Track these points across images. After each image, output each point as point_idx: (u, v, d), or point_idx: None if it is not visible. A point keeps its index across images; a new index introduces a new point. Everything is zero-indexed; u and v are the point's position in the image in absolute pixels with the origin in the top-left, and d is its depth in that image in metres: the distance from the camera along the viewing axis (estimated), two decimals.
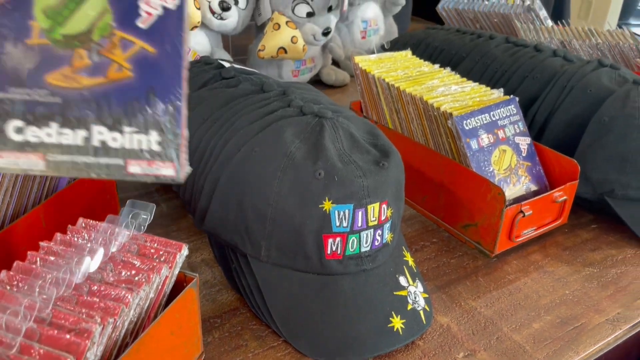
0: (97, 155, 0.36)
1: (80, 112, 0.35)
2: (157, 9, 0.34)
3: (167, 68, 0.35)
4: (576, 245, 0.73)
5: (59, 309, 0.40)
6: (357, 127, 0.60)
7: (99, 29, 0.34)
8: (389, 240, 0.58)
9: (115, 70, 0.35)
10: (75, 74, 0.34)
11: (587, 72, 0.82)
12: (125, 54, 0.34)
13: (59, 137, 0.35)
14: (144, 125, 0.35)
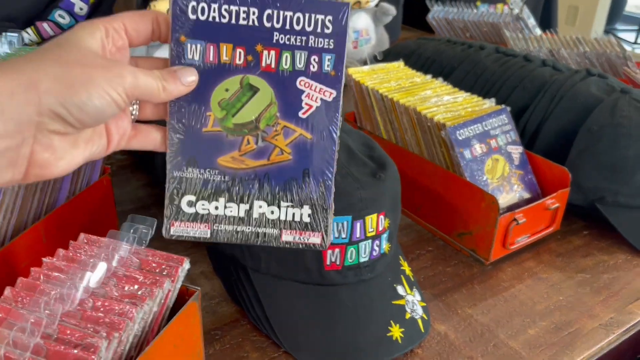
0: (256, 226, 0.40)
1: (245, 189, 0.40)
2: (317, 102, 0.39)
3: (321, 152, 0.40)
4: (569, 252, 0.75)
5: (64, 324, 0.40)
6: (353, 139, 0.61)
7: (266, 118, 0.39)
8: (386, 251, 0.58)
9: (277, 154, 0.40)
10: (242, 156, 0.40)
11: (576, 81, 0.83)
12: (287, 140, 0.39)
13: (225, 210, 0.40)
14: (298, 201, 0.40)
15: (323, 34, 0.38)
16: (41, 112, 0.31)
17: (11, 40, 0.76)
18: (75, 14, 0.99)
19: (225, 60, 0.38)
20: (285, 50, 0.38)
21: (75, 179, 0.60)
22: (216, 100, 0.38)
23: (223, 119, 0.38)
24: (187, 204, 0.39)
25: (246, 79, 0.38)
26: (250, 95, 0.38)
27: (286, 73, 0.38)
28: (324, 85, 0.38)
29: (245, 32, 0.37)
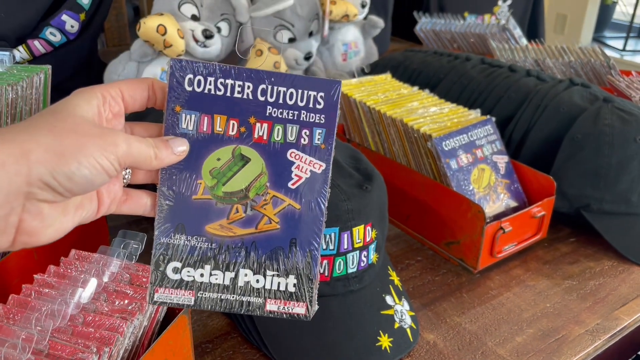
0: (241, 294, 0.40)
1: (231, 257, 0.40)
2: (306, 173, 0.40)
3: (309, 222, 0.40)
4: (556, 259, 0.76)
5: (55, 340, 0.41)
6: (340, 152, 0.62)
7: (255, 188, 0.39)
8: (374, 261, 0.59)
9: (265, 223, 0.40)
10: (230, 224, 0.40)
11: (560, 91, 0.85)
12: (275, 210, 0.40)
13: (210, 277, 0.40)
14: (284, 270, 0.40)
15: (315, 109, 0.39)
16: (30, 183, 0.31)
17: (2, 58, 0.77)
18: (66, 32, 1.00)
19: (219, 131, 0.39)
20: (277, 124, 0.39)
21: None
22: (207, 169, 0.39)
23: (213, 187, 0.39)
24: (173, 270, 0.39)
25: (238, 149, 0.39)
26: (241, 165, 0.39)
27: (277, 145, 0.39)
28: (314, 158, 0.39)
29: (239, 105, 0.38)
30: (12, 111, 0.71)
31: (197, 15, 1.04)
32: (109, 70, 1.05)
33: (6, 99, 0.69)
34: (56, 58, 1.00)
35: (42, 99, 0.76)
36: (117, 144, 0.34)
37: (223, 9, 1.07)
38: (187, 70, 0.38)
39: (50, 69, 0.76)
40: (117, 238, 0.52)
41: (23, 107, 0.73)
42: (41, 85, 0.76)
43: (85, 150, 0.33)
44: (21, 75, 0.73)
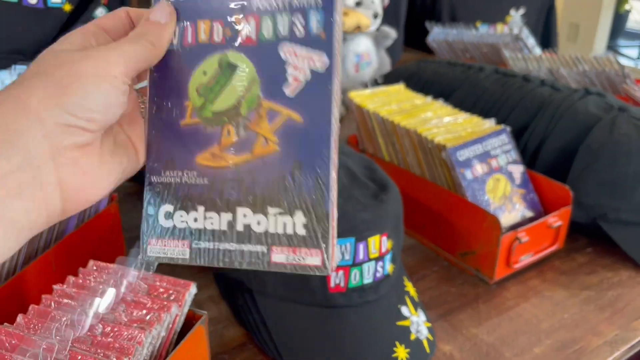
0: (241, 242, 0.33)
1: (226, 193, 0.33)
2: (305, 74, 0.32)
3: (315, 139, 0.32)
4: (573, 269, 0.75)
5: (75, 350, 0.41)
6: (355, 162, 0.63)
7: (247, 101, 0.33)
8: (390, 272, 0.59)
9: (261, 145, 0.33)
10: (223, 152, 0.34)
11: (575, 100, 0.85)
12: (272, 125, 0.33)
13: (205, 221, 0.33)
14: (288, 205, 0.32)
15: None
16: (48, 132, 0.28)
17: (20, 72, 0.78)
18: None
19: (203, 39, 0.33)
20: (265, 16, 0.32)
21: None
22: (194, 87, 0.34)
23: (201, 107, 0.34)
24: (165, 215, 0.34)
25: (225, 57, 0.33)
26: (229, 76, 0.33)
27: (268, 43, 0.32)
28: (313, 52, 0.32)
29: (223, 3, 0.33)
30: None
31: None
32: None
33: None
34: None
35: None
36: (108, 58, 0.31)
37: None
38: None
39: None
40: (134, 249, 0.52)
41: None
42: None
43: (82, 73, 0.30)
44: None
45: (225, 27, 0.33)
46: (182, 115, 0.34)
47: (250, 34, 0.33)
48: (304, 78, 0.32)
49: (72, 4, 0.99)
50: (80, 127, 0.29)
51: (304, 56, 0.32)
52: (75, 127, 0.29)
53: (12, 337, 0.42)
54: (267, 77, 0.32)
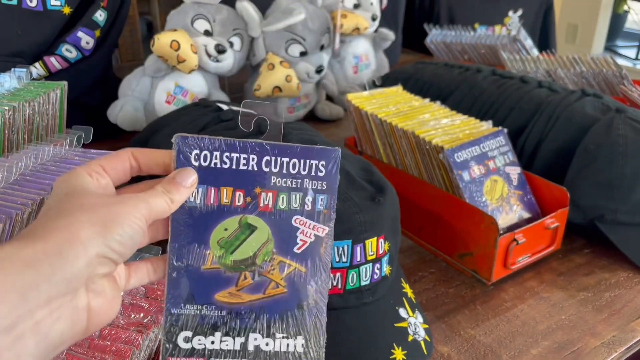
0: (251, 358, 0.41)
1: (241, 323, 0.41)
2: (310, 237, 0.41)
3: (314, 284, 0.41)
4: (570, 270, 0.75)
5: (72, 353, 0.41)
6: (352, 164, 0.63)
7: (262, 254, 0.41)
8: (387, 273, 0.59)
9: (272, 288, 0.41)
10: (239, 291, 0.41)
11: (572, 101, 0.85)
12: (282, 274, 0.41)
13: (221, 344, 0.40)
14: (292, 332, 0.41)
15: (317, 176, 0.41)
16: (90, 262, 0.32)
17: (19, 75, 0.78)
18: (82, 48, 1.01)
19: (226, 202, 0.40)
20: (281, 192, 0.40)
21: None
22: (216, 239, 0.40)
23: (222, 256, 0.40)
24: (184, 339, 0.40)
25: (245, 219, 0.40)
26: (248, 234, 0.40)
27: (282, 212, 0.41)
28: (318, 223, 0.41)
29: (245, 177, 0.40)
30: (29, 127, 0.73)
31: (210, 30, 1.05)
32: (124, 85, 1.06)
33: (23, 114, 0.71)
34: (72, 74, 1.02)
35: (58, 114, 0.78)
36: (137, 205, 0.36)
37: (235, 24, 1.08)
38: (193, 146, 0.39)
39: (66, 85, 0.78)
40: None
41: (40, 123, 0.74)
42: (57, 101, 0.77)
43: (120, 214, 0.34)
44: (38, 92, 0.74)
45: (247, 195, 0.40)
46: (204, 261, 0.40)
47: (268, 203, 0.41)
48: (309, 240, 0.41)
49: (72, 7, 1.00)
50: (112, 260, 0.34)
51: (310, 225, 0.41)
52: (109, 259, 0.34)
53: None
54: (280, 238, 0.41)
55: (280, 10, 1.11)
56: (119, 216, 0.34)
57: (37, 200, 0.53)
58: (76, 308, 0.32)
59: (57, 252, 0.31)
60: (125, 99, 1.04)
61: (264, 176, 0.40)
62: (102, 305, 0.34)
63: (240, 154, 0.40)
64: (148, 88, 1.05)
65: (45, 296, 0.30)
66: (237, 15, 1.10)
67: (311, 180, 0.41)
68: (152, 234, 0.40)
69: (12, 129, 0.69)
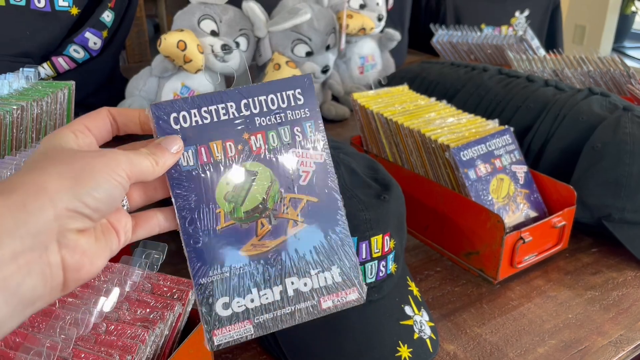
0: (294, 304, 0.40)
1: (274, 271, 0.40)
2: (312, 167, 0.41)
3: (329, 210, 0.41)
4: (577, 269, 0.75)
5: (79, 348, 0.41)
6: (358, 162, 0.63)
7: (271, 197, 0.40)
8: (393, 271, 0.59)
9: (292, 227, 0.40)
10: (261, 241, 0.40)
11: (579, 100, 0.84)
12: (297, 210, 0.40)
13: (260, 299, 0.39)
14: (326, 264, 0.41)
15: (297, 105, 0.40)
16: (58, 215, 0.31)
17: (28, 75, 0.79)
18: (90, 49, 1.02)
19: (218, 156, 0.39)
20: (269, 131, 0.40)
21: None
22: (221, 196, 0.39)
23: (232, 211, 0.39)
24: (223, 306, 0.38)
25: (243, 167, 0.40)
26: (251, 181, 0.40)
27: (277, 150, 0.40)
28: (313, 150, 0.41)
29: (229, 126, 0.39)
30: (37, 126, 0.73)
31: (217, 30, 1.06)
32: (131, 85, 1.07)
33: (31, 114, 0.71)
34: (79, 74, 1.02)
35: (66, 114, 0.78)
36: (118, 159, 0.34)
37: (242, 24, 1.09)
38: (168, 111, 0.38)
39: (74, 85, 0.78)
40: (138, 248, 0.53)
41: (48, 122, 0.75)
42: (65, 100, 0.78)
43: (96, 169, 0.33)
44: (46, 91, 0.75)
45: (237, 144, 0.39)
46: (217, 221, 0.39)
47: (260, 145, 0.40)
48: (311, 169, 0.41)
49: (79, 8, 1.00)
50: (85, 215, 0.33)
51: (307, 155, 0.41)
52: (82, 215, 0.32)
53: (17, 335, 0.42)
54: (283, 176, 0.40)
55: (287, 10, 1.11)
56: (95, 170, 0.33)
57: None
58: (48, 264, 0.31)
59: (21, 206, 0.30)
60: (132, 99, 1.05)
61: (247, 119, 0.40)
62: (81, 262, 0.33)
63: (218, 104, 0.39)
64: (155, 88, 1.05)
65: (9, 251, 0.29)
66: (244, 16, 1.10)
67: (293, 111, 0.40)
68: (150, 193, 0.40)
69: (20, 127, 0.70)
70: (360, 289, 0.41)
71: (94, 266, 0.34)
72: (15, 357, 0.40)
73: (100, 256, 0.34)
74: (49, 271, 0.31)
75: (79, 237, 0.33)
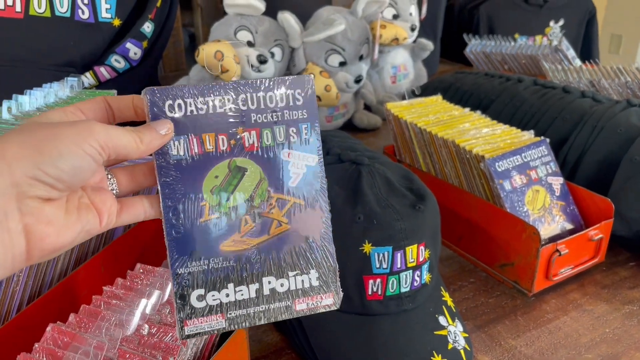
0: (269, 302, 0.40)
1: (251, 269, 0.40)
2: (302, 169, 0.40)
3: (315, 214, 0.41)
4: (615, 283, 0.74)
5: (124, 348, 0.43)
6: (393, 172, 0.63)
7: (259, 195, 0.40)
8: (427, 281, 0.60)
9: (275, 227, 0.40)
10: (243, 238, 0.39)
11: (616, 112, 0.83)
12: (282, 211, 0.40)
13: (235, 294, 0.39)
14: (304, 267, 0.41)
15: (295, 106, 0.40)
16: (16, 182, 0.30)
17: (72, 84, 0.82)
18: (130, 59, 1.05)
19: (210, 149, 0.38)
20: (264, 128, 0.39)
21: None
22: (208, 189, 0.39)
23: (218, 205, 0.39)
24: (197, 298, 0.38)
25: (233, 162, 0.39)
26: (240, 177, 0.39)
27: (269, 149, 0.40)
28: (306, 152, 0.40)
29: (224, 119, 0.39)
30: None
31: (252, 41, 1.08)
32: None
33: None
34: (119, 83, 1.05)
35: None
36: (92, 129, 0.33)
37: (277, 35, 1.11)
38: (164, 97, 0.37)
39: (115, 94, 0.81)
40: None
41: None
42: None
43: (60, 137, 0.32)
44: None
45: (230, 138, 0.39)
46: (201, 214, 0.39)
47: (253, 142, 0.39)
48: (302, 172, 0.40)
49: (121, 19, 1.04)
50: (47, 184, 0.32)
51: (299, 156, 0.40)
52: (43, 183, 0.32)
53: (65, 335, 0.44)
54: (273, 175, 0.40)
55: (321, 21, 1.13)
56: (61, 139, 0.32)
57: None
58: (7, 229, 0.30)
59: None
60: None
61: (243, 115, 0.39)
62: (45, 231, 0.32)
63: (215, 96, 0.38)
64: None
65: None
66: (279, 26, 1.12)
67: (291, 111, 0.40)
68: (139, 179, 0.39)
69: None
70: (336, 295, 0.41)
71: (60, 238, 0.33)
72: (63, 356, 0.42)
73: (69, 229, 0.34)
74: (8, 237, 0.31)
75: (43, 206, 0.32)
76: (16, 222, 0.31)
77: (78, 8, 0.99)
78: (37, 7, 0.97)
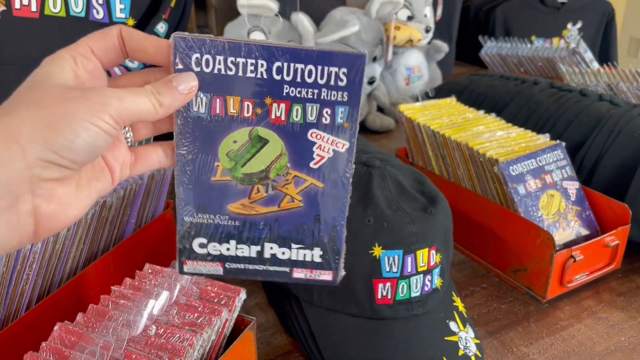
0: (267, 265, 0.40)
1: (255, 233, 0.40)
2: (329, 153, 0.38)
3: (333, 200, 0.39)
4: (631, 291, 0.72)
5: (130, 349, 0.43)
6: (404, 175, 0.63)
7: (276, 169, 0.38)
8: (438, 286, 0.59)
9: (287, 202, 0.39)
10: (252, 204, 0.39)
11: (635, 115, 0.82)
12: (298, 189, 0.39)
13: (236, 251, 0.40)
14: (309, 243, 0.40)
15: (337, 86, 0.36)
16: (30, 165, 0.29)
17: None
18: None
19: (233, 112, 0.36)
20: (296, 103, 0.36)
21: (141, 212, 0.64)
22: (224, 152, 0.37)
23: (232, 169, 0.38)
24: (199, 245, 0.39)
25: (255, 131, 0.37)
26: (259, 147, 0.38)
27: (297, 125, 0.37)
28: (337, 137, 0.37)
29: (253, 85, 0.36)
30: None
31: None
32: None
33: None
34: None
35: None
36: (106, 102, 0.31)
37: (290, 35, 1.10)
38: (193, 49, 0.34)
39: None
40: None
41: None
42: None
43: (75, 116, 0.30)
44: None
45: (256, 106, 0.37)
46: (214, 173, 0.38)
47: (280, 115, 0.37)
48: (327, 155, 0.38)
49: (135, 19, 1.04)
50: (62, 165, 0.31)
51: (328, 140, 0.38)
52: (58, 165, 0.30)
53: (72, 335, 0.44)
54: (295, 153, 0.38)
55: (335, 22, 1.12)
56: (75, 116, 0.30)
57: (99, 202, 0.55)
58: (17, 212, 0.30)
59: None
60: None
61: (275, 85, 0.36)
62: (55, 211, 0.31)
63: (247, 59, 0.35)
64: None
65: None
66: (292, 27, 1.12)
67: (330, 91, 0.36)
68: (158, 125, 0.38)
69: None
70: (336, 274, 0.41)
71: (68, 217, 0.32)
72: (70, 355, 0.42)
73: (77, 206, 0.33)
74: (17, 219, 0.30)
75: (56, 186, 0.31)
76: (27, 205, 0.30)
77: (93, 8, 1.00)
78: (52, 7, 0.97)
